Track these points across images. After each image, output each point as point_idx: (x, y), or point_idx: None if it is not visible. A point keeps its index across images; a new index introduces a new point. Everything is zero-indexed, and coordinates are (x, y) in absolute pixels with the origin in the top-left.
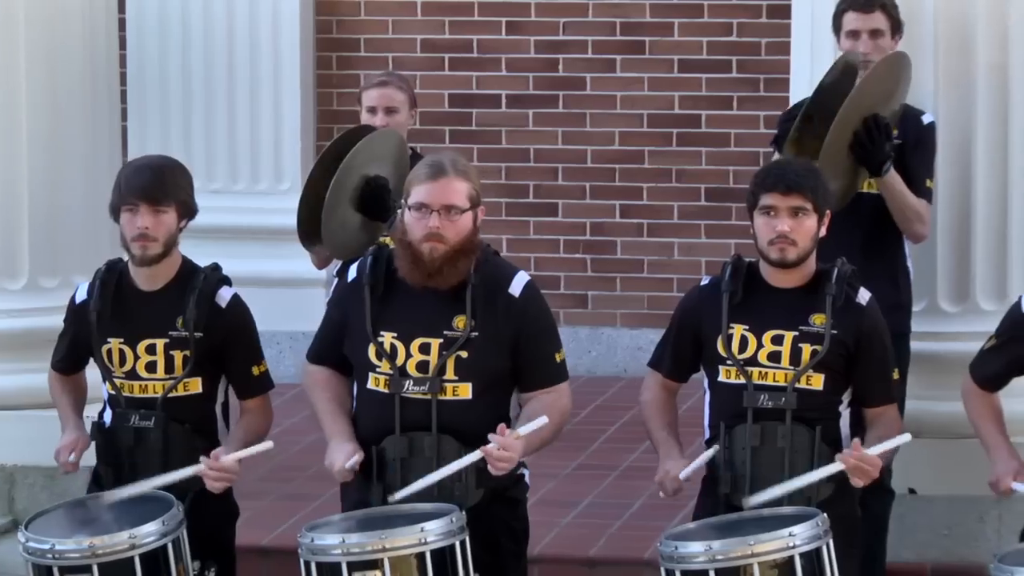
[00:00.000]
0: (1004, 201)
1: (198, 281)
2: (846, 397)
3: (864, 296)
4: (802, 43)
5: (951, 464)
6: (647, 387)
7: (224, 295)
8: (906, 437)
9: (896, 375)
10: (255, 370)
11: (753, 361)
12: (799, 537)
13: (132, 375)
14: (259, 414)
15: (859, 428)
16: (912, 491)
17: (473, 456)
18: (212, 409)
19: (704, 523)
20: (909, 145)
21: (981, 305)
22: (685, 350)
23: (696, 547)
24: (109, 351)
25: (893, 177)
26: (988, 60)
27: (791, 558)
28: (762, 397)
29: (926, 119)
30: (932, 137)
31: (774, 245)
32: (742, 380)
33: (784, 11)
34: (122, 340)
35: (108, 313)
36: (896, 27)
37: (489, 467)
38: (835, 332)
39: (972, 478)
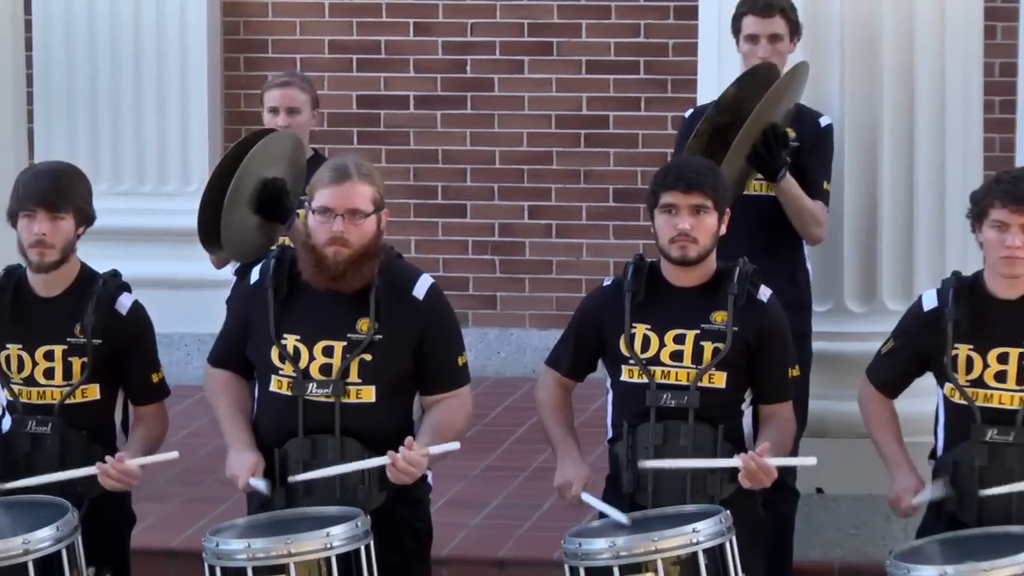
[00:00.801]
0: (910, 201)
1: (96, 287)
2: (748, 395)
3: (765, 293)
4: (709, 44)
5: (857, 463)
6: (544, 385)
7: (124, 302)
8: (811, 460)
9: (796, 372)
10: (154, 377)
11: (655, 360)
12: (702, 533)
13: (30, 381)
14: (156, 420)
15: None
16: (819, 490)
17: (380, 460)
18: (110, 416)
19: (608, 521)
20: (806, 147)
21: (888, 305)
22: (586, 350)
23: (600, 544)
24: (7, 357)
25: (789, 182)
26: (894, 61)
27: (695, 554)
28: (665, 396)
29: (824, 121)
30: (829, 139)
31: (675, 243)
32: (645, 379)
33: (691, 12)
34: (20, 346)
35: (6, 319)
36: (795, 31)
37: (388, 474)
38: (736, 330)
39: (878, 477)
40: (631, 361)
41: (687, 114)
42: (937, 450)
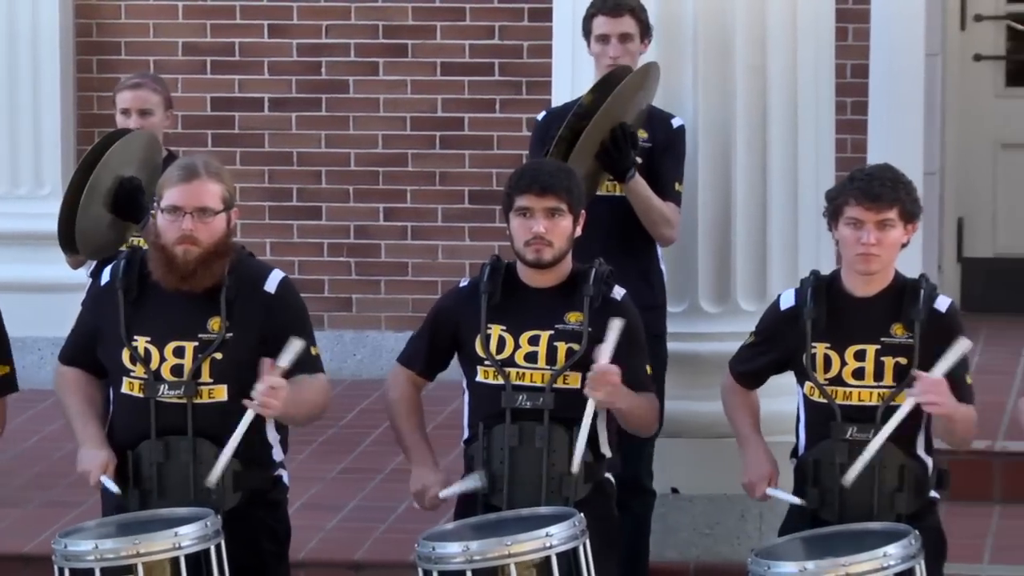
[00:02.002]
0: (763, 202)
1: None
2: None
3: (619, 293)
4: (563, 46)
5: (712, 463)
6: (396, 384)
7: None
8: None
9: (649, 371)
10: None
11: (510, 361)
12: (556, 537)
13: None
14: None
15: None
16: (674, 490)
17: (249, 415)
18: None
19: (462, 523)
20: (658, 148)
21: (742, 306)
22: (440, 349)
23: (454, 548)
24: None
25: (638, 183)
26: (747, 62)
27: (548, 558)
28: (520, 397)
29: (676, 122)
30: (682, 140)
31: (530, 246)
32: (500, 381)
33: (545, 14)
34: None
35: None
36: (645, 31)
37: (263, 409)
38: (591, 331)
39: (733, 477)
40: (487, 362)
41: (540, 117)
42: (799, 449)
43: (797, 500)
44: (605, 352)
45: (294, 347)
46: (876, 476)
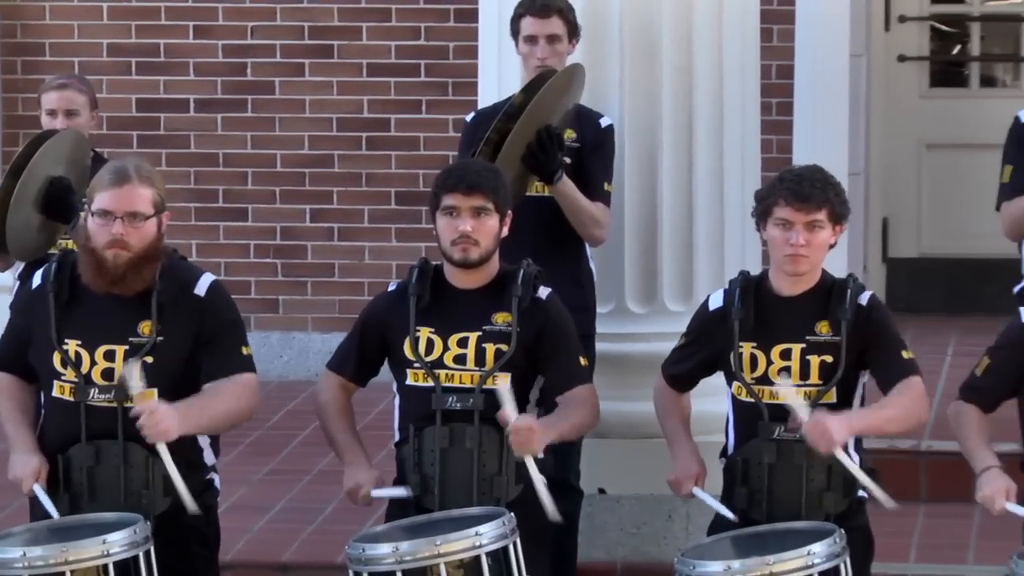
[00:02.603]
0: (689, 203)
1: None
2: (533, 396)
3: (544, 292)
4: (489, 47)
5: (639, 463)
6: (326, 388)
7: None
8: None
9: (585, 362)
10: None
11: (440, 363)
12: (485, 536)
13: None
14: None
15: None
16: (601, 491)
17: (162, 445)
18: None
19: (393, 525)
20: (587, 148)
21: (668, 306)
22: (370, 354)
23: (384, 549)
24: None
25: (566, 184)
26: (673, 63)
27: (477, 558)
28: (450, 399)
29: (604, 122)
30: (610, 140)
31: (457, 245)
32: (430, 383)
33: (471, 15)
34: None
35: None
36: (573, 32)
37: (157, 439)
38: (519, 331)
39: (660, 477)
40: (416, 364)
41: (469, 117)
42: (728, 448)
43: (723, 508)
44: (509, 412)
45: (129, 369)
46: (804, 476)
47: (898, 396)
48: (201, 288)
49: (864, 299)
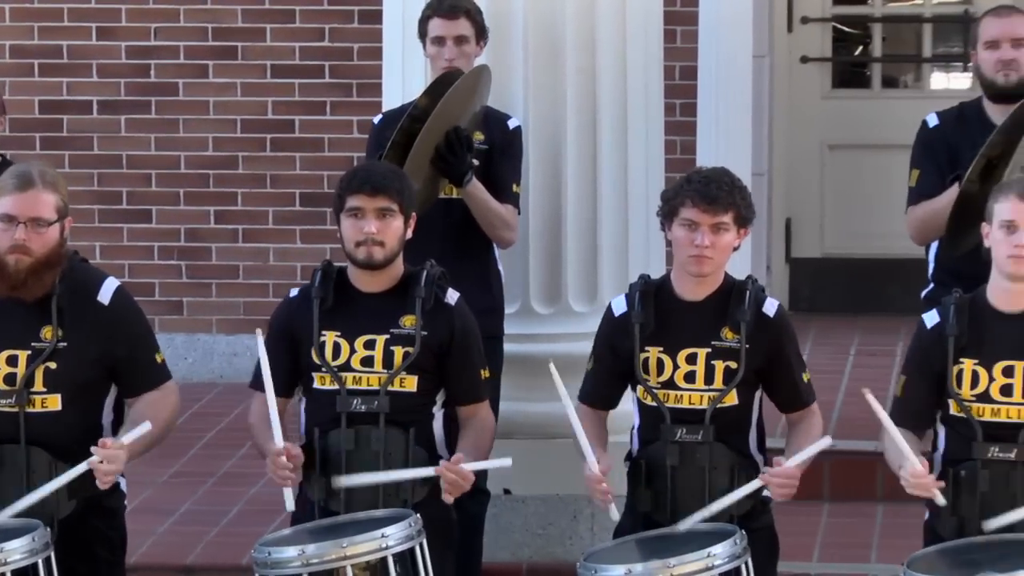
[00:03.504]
0: (594, 204)
1: None
2: (440, 398)
3: (452, 296)
4: (393, 48)
5: (545, 464)
6: (254, 411)
7: None
8: (506, 462)
9: (487, 374)
10: None
11: (346, 367)
12: (392, 538)
13: None
14: None
15: (454, 428)
16: (507, 491)
17: (80, 468)
18: None
19: (299, 528)
20: (495, 150)
21: (573, 307)
22: (286, 364)
23: (290, 552)
24: None
25: (476, 187)
26: (577, 64)
27: (384, 559)
28: (355, 401)
29: (512, 123)
30: (519, 142)
31: (361, 247)
32: (336, 386)
33: (375, 16)
34: None
35: None
36: (481, 33)
37: (97, 482)
38: (425, 334)
39: (565, 478)
40: (322, 368)
41: (376, 119)
42: (633, 451)
43: (615, 516)
44: (471, 464)
45: (143, 428)
46: (707, 478)
47: (808, 430)
48: (105, 295)
49: (771, 310)
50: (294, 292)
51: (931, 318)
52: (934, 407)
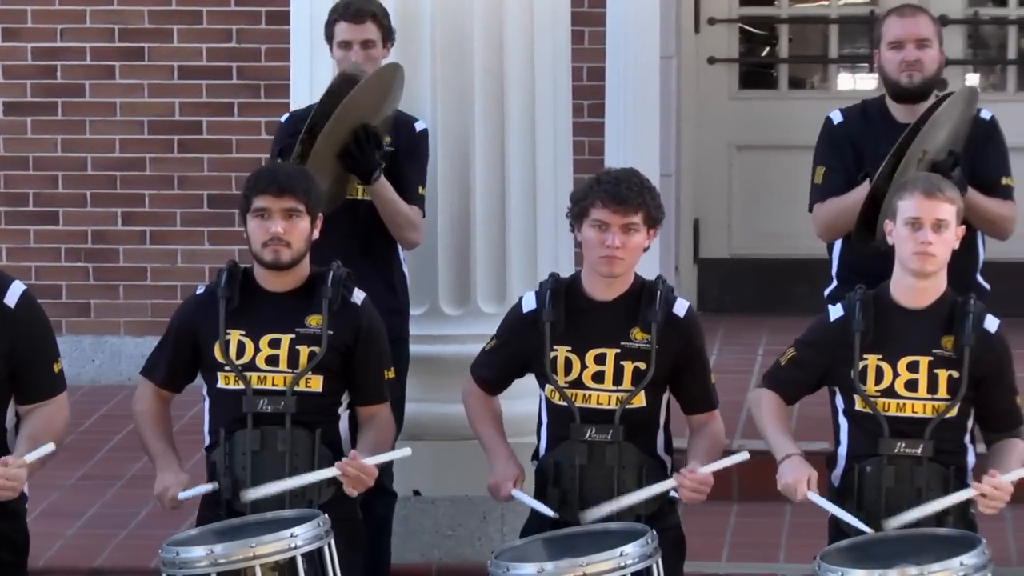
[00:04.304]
0: (502, 205)
1: None
2: (345, 399)
3: (359, 297)
4: (301, 49)
5: (454, 465)
6: (142, 397)
7: None
8: (405, 451)
9: (391, 374)
10: None
11: (251, 366)
12: (301, 538)
13: None
14: None
15: (353, 429)
16: (416, 493)
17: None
18: None
19: (206, 528)
20: (402, 152)
21: (482, 308)
22: (182, 360)
23: (198, 552)
24: None
25: (383, 185)
26: (484, 64)
27: (293, 559)
28: (261, 402)
29: (419, 126)
30: (425, 144)
31: (268, 247)
32: (241, 386)
33: (283, 17)
34: None
35: None
36: (387, 36)
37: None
38: (332, 334)
39: (475, 479)
40: (227, 368)
41: (283, 119)
42: (540, 451)
43: (542, 507)
44: (372, 458)
45: (47, 449)
46: (615, 477)
47: (712, 434)
48: (11, 298)
49: (681, 310)
50: (200, 289)
51: (836, 311)
52: (806, 391)
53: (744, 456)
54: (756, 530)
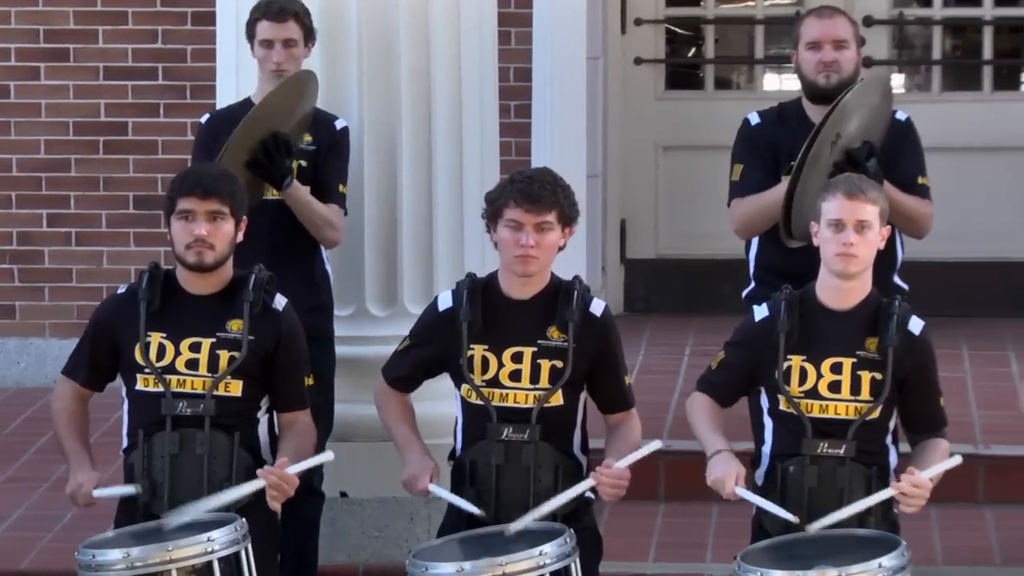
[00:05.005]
0: (429, 205)
1: None
2: (264, 403)
3: (280, 302)
4: (227, 50)
5: (381, 466)
6: (60, 395)
7: None
8: (328, 456)
9: (311, 381)
10: None
11: (171, 369)
12: (218, 541)
13: None
14: None
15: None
16: (344, 494)
17: None
18: None
19: (123, 531)
20: (323, 150)
21: (408, 308)
22: (101, 359)
23: (115, 554)
24: None
25: (296, 189)
26: (411, 65)
27: (210, 563)
28: (181, 404)
29: (339, 124)
30: (345, 142)
31: (191, 249)
32: (160, 388)
33: (208, 18)
34: None
35: None
36: (309, 35)
37: None
38: (252, 338)
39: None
40: (146, 370)
41: (204, 119)
42: (456, 450)
43: (460, 501)
44: (297, 465)
45: None
46: (531, 476)
47: (628, 433)
48: None
49: (598, 310)
50: (122, 289)
51: (761, 312)
52: (740, 393)
53: (657, 445)
54: (682, 530)
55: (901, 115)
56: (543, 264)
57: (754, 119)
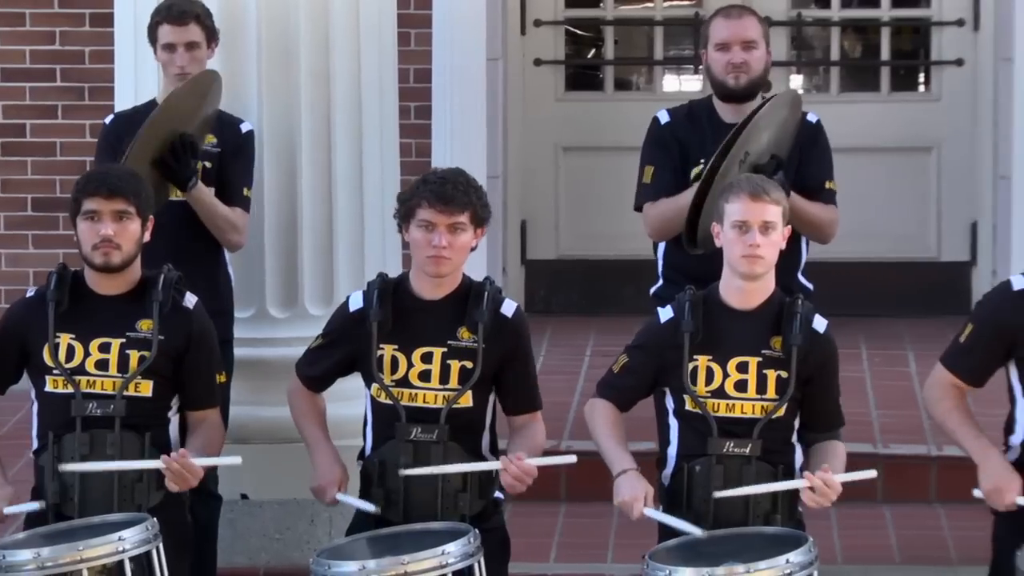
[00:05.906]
0: (329, 206)
1: None
2: (175, 403)
3: (191, 301)
4: (125, 51)
5: (281, 469)
6: None
7: None
8: (236, 459)
9: (223, 378)
10: None
11: (81, 370)
12: (128, 541)
13: None
14: None
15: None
16: (244, 496)
17: None
18: None
19: (33, 532)
20: (228, 153)
21: (309, 310)
22: (9, 362)
23: (25, 555)
24: None
25: (201, 191)
26: (311, 67)
27: (121, 563)
28: (91, 405)
29: (245, 127)
30: (250, 145)
31: (98, 249)
32: (70, 389)
33: (107, 19)
34: None
35: None
36: (211, 37)
37: None
38: (163, 338)
39: (302, 482)
40: (55, 371)
41: (107, 120)
42: (366, 450)
43: (368, 506)
44: (201, 460)
45: None
46: (439, 477)
47: (534, 435)
48: None
49: (509, 311)
50: (31, 292)
51: (665, 313)
52: (641, 396)
53: (571, 459)
54: (584, 530)
55: (812, 117)
56: (455, 265)
57: (663, 117)
